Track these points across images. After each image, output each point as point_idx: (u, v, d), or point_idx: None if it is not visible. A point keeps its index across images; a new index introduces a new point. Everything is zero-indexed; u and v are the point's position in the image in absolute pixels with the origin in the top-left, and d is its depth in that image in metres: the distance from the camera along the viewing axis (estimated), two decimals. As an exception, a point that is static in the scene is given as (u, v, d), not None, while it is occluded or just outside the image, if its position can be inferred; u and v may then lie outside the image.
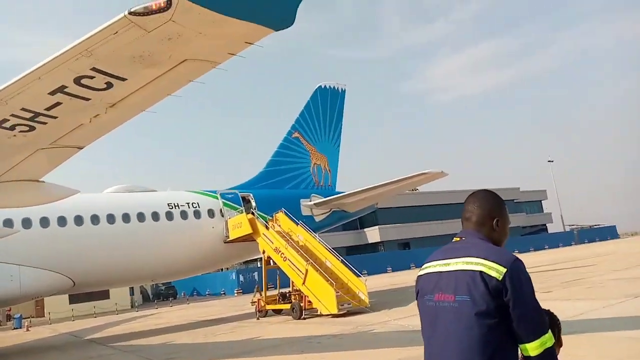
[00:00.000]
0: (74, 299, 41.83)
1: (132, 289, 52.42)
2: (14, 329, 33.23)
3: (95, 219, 18.52)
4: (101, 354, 13.91)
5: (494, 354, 2.17)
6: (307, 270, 17.03)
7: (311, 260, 17.31)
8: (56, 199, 11.21)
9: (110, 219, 18.84)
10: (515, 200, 74.52)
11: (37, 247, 17.31)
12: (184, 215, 20.44)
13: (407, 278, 30.80)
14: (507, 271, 2.20)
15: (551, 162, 75.20)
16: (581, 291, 14.96)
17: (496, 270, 2.21)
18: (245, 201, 22.69)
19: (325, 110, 27.52)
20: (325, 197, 24.91)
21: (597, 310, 10.92)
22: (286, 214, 20.97)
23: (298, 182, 25.75)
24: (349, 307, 16.48)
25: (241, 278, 48.46)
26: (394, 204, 64.05)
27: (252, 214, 21.81)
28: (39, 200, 11.08)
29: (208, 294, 54.08)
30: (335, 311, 15.89)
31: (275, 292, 20.24)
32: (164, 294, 56.73)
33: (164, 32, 6.39)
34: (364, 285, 17.06)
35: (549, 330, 2.25)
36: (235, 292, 46.12)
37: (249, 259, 63.44)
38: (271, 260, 19.29)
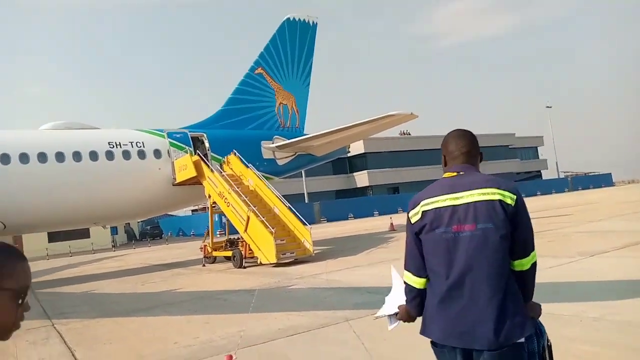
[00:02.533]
0: (53, 237, 41.29)
1: (115, 229, 51.91)
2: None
3: (24, 158, 17.02)
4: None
5: (509, 271, 2.48)
6: (248, 217, 15.73)
7: (252, 207, 15.98)
8: None
9: (42, 157, 17.33)
10: (510, 146, 72.82)
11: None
12: (126, 155, 18.90)
13: (383, 223, 29.55)
14: (516, 198, 2.45)
15: (549, 108, 72.73)
16: (539, 246, 13.59)
17: (510, 198, 2.43)
18: (199, 142, 21.12)
19: (293, 45, 25.29)
20: (289, 140, 23.26)
21: (541, 271, 9.58)
22: (238, 156, 19.49)
23: (261, 123, 24.00)
24: (292, 256, 15.33)
25: (224, 219, 47.52)
26: (384, 149, 62.71)
27: (205, 155, 20.38)
28: None
29: (192, 235, 53.56)
30: (274, 260, 14.73)
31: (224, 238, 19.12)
32: (150, 233, 56.42)
33: None
34: (309, 233, 15.80)
35: None
36: (218, 232, 45.16)
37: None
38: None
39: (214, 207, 18.40)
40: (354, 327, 6.66)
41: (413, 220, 2.58)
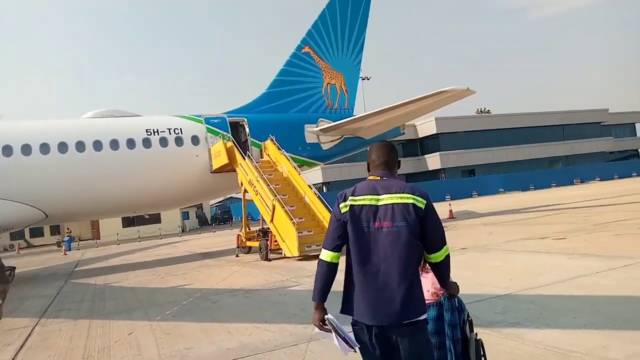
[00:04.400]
0: (127, 222, 43.33)
1: (186, 213, 53.54)
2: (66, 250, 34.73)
3: (63, 147, 17.24)
4: (40, 294, 12.99)
5: (417, 261, 2.95)
6: (274, 207, 14.80)
7: (278, 196, 15.00)
8: None
9: (80, 146, 17.47)
10: (602, 123, 66.15)
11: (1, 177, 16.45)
12: (163, 142, 18.64)
13: (448, 209, 27.03)
14: (426, 202, 2.92)
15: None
16: (602, 240, 11.46)
17: (421, 202, 2.90)
18: (240, 127, 20.48)
19: (344, 21, 23.74)
20: (334, 122, 21.96)
21: (587, 277, 7.75)
22: (273, 141, 18.60)
23: (307, 105, 22.88)
24: (319, 249, 14.17)
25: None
26: (458, 129, 59.41)
27: (245, 141, 19.77)
28: None
29: (259, 219, 53.77)
30: (296, 253, 13.73)
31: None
32: (220, 218, 57.75)
33: None
34: (337, 225, 14.54)
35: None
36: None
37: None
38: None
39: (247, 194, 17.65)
40: (309, 352, 5.48)
41: (342, 211, 2.98)
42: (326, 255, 3.00)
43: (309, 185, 16.14)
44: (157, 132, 18.69)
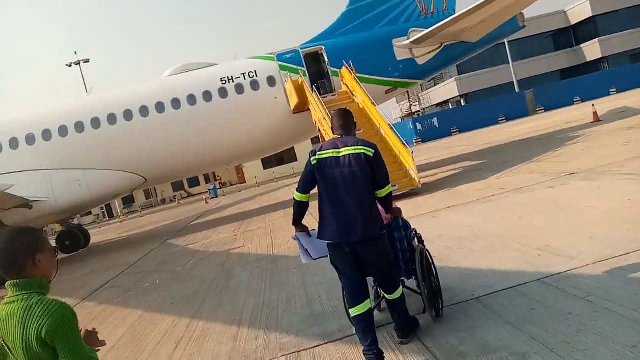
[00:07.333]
0: (267, 164, 44.55)
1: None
2: (211, 198, 37.42)
3: (144, 111, 17.30)
4: (126, 261, 13.30)
5: (371, 194, 4.01)
6: (340, 147, 12.95)
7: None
8: None
9: (160, 107, 17.36)
10: None
11: (95, 148, 17.15)
12: (239, 89, 17.63)
13: (599, 108, 21.59)
14: (374, 152, 3.99)
15: None
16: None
17: (370, 152, 3.96)
18: (320, 56, 18.52)
19: None
20: (428, 29, 18.61)
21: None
22: (349, 68, 16.39)
23: (395, 16, 19.60)
24: (395, 189, 12.16)
25: (419, 126, 44.09)
26: (619, 5, 48.87)
27: (327, 73, 17.94)
28: None
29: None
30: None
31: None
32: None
33: None
34: (412, 160, 12.24)
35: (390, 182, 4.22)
36: (414, 141, 41.63)
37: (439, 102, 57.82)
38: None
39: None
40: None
41: (313, 163, 4.05)
42: (298, 196, 4.18)
43: (381, 116, 13.88)
44: (232, 79, 17.71)
